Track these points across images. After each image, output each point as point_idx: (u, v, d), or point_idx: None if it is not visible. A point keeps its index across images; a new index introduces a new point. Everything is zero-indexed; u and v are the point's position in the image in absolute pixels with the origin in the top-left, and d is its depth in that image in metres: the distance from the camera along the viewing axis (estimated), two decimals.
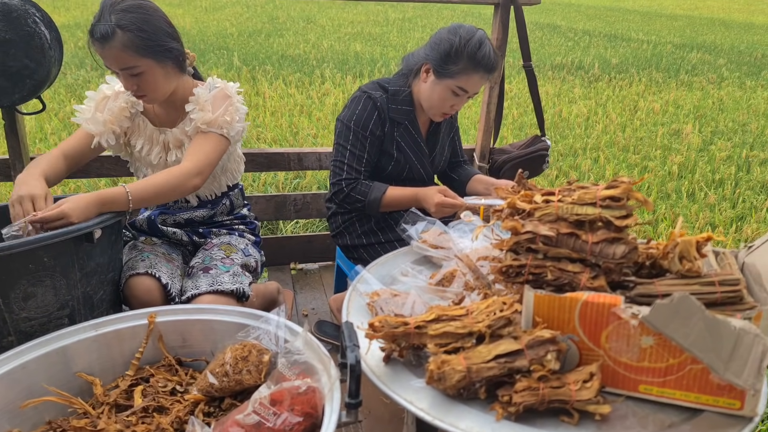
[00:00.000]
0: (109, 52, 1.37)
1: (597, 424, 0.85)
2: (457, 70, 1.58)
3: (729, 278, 0.87)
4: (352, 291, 1.20)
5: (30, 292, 1.17)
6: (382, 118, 1.68)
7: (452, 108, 1.67)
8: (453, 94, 1.63)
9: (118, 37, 1.36)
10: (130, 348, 1.11)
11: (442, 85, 1.62)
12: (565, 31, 11.22)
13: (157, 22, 1.42)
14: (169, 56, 1.45)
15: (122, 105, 1.54)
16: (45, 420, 1.00)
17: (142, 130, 1.58)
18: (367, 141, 1.67)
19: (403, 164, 1.75)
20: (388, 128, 1.70)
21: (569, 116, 5.39)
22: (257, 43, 8.28)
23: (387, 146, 1.72)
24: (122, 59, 1.38)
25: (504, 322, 0.92)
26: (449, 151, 1.92)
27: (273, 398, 0.93)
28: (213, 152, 1.48)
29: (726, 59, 8.89)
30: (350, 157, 1.67)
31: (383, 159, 1.74)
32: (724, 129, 5.19)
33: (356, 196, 1.67)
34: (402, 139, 1.73)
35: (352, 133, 1.67)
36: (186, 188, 1.43)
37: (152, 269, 1.43)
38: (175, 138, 1.56)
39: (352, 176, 1.67)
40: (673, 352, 0.84)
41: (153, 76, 1.43)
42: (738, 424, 0.84)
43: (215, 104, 1.50)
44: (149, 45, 1.39)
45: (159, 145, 1.58)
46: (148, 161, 1.59)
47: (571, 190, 0.96)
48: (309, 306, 2.29)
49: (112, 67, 1.41)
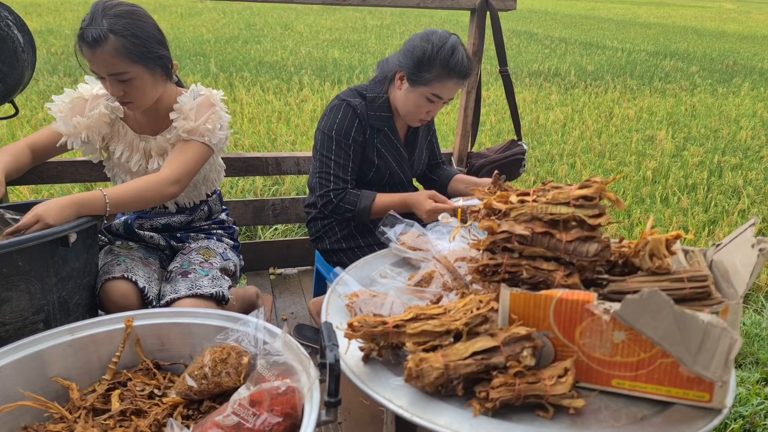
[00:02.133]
0: (99, 56, 1.35)
1: (571, 418, 0.87)
2: (430, 77, 1.59)
3: (697, 275, 0.90)
4: (331, 293, 1.21)
5: (4, 297, 1.15)
6: (363, 125, 1.68)
7: (428, 114, 1.69)
8: (428, 101, 1.63)
9: (110, 42, 1.34)
10: (107, 352, 1.10)
11: (417, 92, 1.62)
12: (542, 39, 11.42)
13: (149, 28, 1.41)
14: (159, 63, 1.44)
15: (102, 111, 1.51)
16: (20, 425, 0.98)
17: (122, 137, 1.56)
18: (350, 149, 1.67)
19: (384, 170, 1.76)
20: (368, 135, 1.70)
21: (546, 122, 5.48)
22: (234, 50, 8.24)
23: (368, 153, 1.72)
24: (113, 65, 1.36)
25: (481, 319, 0.94)
26: (427, 154, 1.94)
27: (252, 399, 0.93)
28: (193, 161, 1.47)
29: (698, 66, 9.15)
30: (335, 167, 1.67)
31: (364, 166, 1.74)
32: (696, 135, 5.33)
33: (346, 206, 1.67)
34: (382, 146, 1.74)
35: (334, 143, 1.66)
36: (163, 196, 1.42)
37: (128, 273, 1.41)
38: (158, 146, 1.55)
39: (339, 186, 1.67)
40: (644, 346, 0.87)
41: (142, 83, 1.41)
42: (707, 416, 0.87)
43: (199, 112, 1.49)
44: (141, 51, 1.38)
45: (139, 152, 1.56)
46: (127, 168, 1.57)
47: (545, 191, 0.98)
48: (288, 310, 2.28)
49: (100, 71, 1.39)
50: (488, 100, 6.14)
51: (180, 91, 1.57)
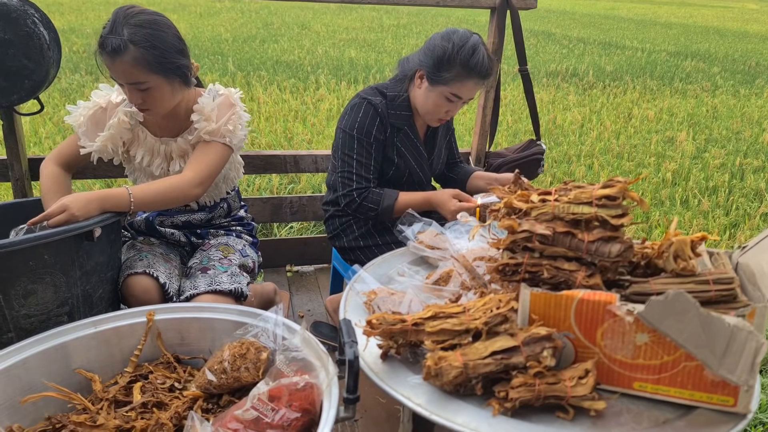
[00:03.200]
0: (119, 66, 1.35)
1: (592, 420, 0.86)
2: (450, 77, 1.58)
3: (723, 277, 0.88)
4: (350, 290, 1.21)
5: (30, 289, 1.17)
6: (384, 124, 1.68)
7: (447, 114, 1.68)
8: (447, 101, 1.63)
9: (129, 52, 1.33)
10: (128, 345, 1.11)
11: (436, 91, 1.62)
12: (560, 39, 11.32)
13: (169, 38, 1.40)
14: (178, 73, 1.44)
15: (122, 118, 1.51)
16: (44, 416, 1.00)
17: (143, 141, 1.57)
18: (372, 147, 1.67)
19: (403, 169, 1.76)
20: (389, 133, 1.70)
21: (563, 123, 5.43)
22: (252, 49, 8.30)
23: (388, 152, 1.72)
24: (131, 74, 1.36)
25: (501, 319, 0.93)
26: (446, 153, 1.94)
27: (271, 394, 0.94)
28: (215, 162, 1.49)
29: (720, 67, 8.99)
30: (357, 166, 1.67)
31: (384, 165, 1.74)
32: (717, 137, 5.24)
33: (369, 205, 1.67)
34: (402, 145, 1.73)
35: (356, 142, 1.66)
36: (187, 198, 1.43)
37: (150, 269, 1.43)
38: (179, 148, 1.55)
39: (362, 185, 1.67)
40: (668, 349, 0.85)
41: (160, 92, 1.42)
42: (731, 421, 0.85)
43: (219, 113, 1.50)
44: (160, 62, 1.38)
45: (160, 156, 1.57)
46: (149, 172, 1.58)
47: (567, 190, 0.97)
48: (305, 308, 2.29)
49: (119, 80, 1.39)
50: (505, 100, 6.11)
51: (199, 91, 1.57)
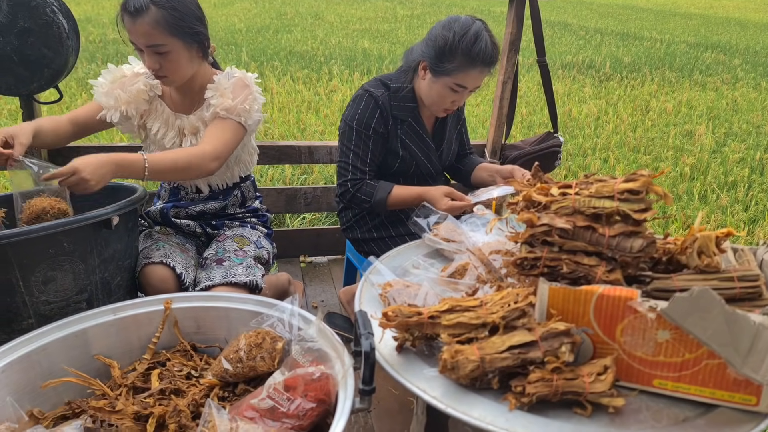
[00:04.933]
0: (140, 26, 1.38)
1: (610, 417, 0.85)
2: (452, 67, 1.54)
3: (748, 274, 0.87)
4: (365, 282, 1.21)
5: (49, 276, 1.18)
6: (385, 116, 1.66)
7: (453, 104, 1.65)
8: (452, 91, 1.60)
9: (151, 12, 1.37)
10: (146, 333, 1.12)
11: (440, 83, 1.59)
12: (577, 30, 11.16)
13: (189, 4, 1.44)
14: (196, 39, 1.46)
15: (141, 87, 1.55)
16: (64, 400, 1.01)
17: (159, 114, 1.59)
18: (370, 140, 1.66)
19: (409, 161, 1.74)
20: (391, 126, 1.69)
21: (579, 116, 5.37)
22: (265, 39, 8.29)
23: (392, 144, 1.71)
24: (151, 35, 1.39)
25: (518, 313, 0.92)
26: (457, 144, 1.92)
27: (287, 384, 0.94)
28: (231, 139, 1.48)
29: (741, 59, 8.81)
30: (354, 157, 1.67)
31: (389, 157, 1.73)
32: (737, 130, 5.15)
33: (362, 197, 1.67)
34: (406, 137, 1.72)
35: (355, 133, 1.66)
36: (203, 170, 1.42)
37: (167, 259, 1.44)
38: (191, 125, 1.57)
39: (357, 176, 1.67)
40: (690, 346, 0.84)
41: (178, 57, 1.44)
42: (753, 420, 0.84)
43: (235, 92, 1.51)
44: (180, 25, 1.40)
45: (174, 129, 1.59)
46: (162, 145, 1.60)
47: (588, 183, 0.96)
48: (318, 298, 2.30)
49: (139, 42, 1.41)
50: (519, 92, 6.03)
51: (215, 71, 1.60)
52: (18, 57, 1.65)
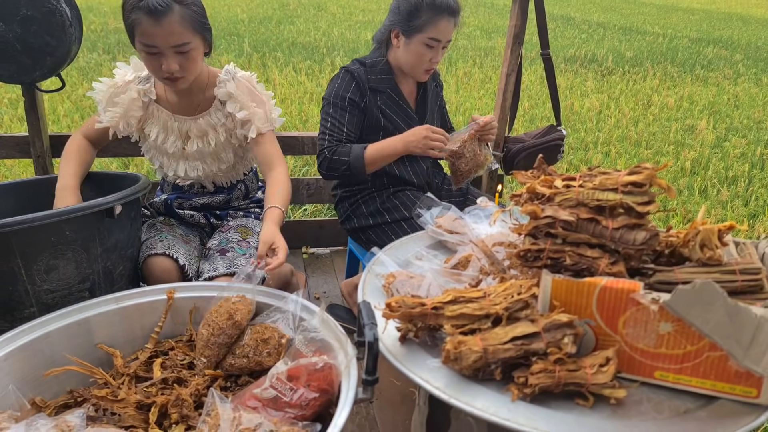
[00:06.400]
0: (167, 26, 1.31)
1: (612, 408, 0.86)
2: (422, 22, 1.63)
3: (750, 267, 0.87)
4: (368, 272, 1.21)
5: (52, 265, 1.18)
6: (362, 88, 1.71)
7: (432, 62, 1.70)
8: (427, 47, 1.66)
9: (176, 10, 1.32)
10: (149, 322, 1.13)
11: (415, 41, 1.66)
12: (579, 23, 11.11)
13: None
14: (209, 36, 1.44)
15: (133, 95, 1.51)
16: (66, 389, 1.02)
17: (157, 119, 1.56)
18: (346, 110, 1.70)
19: (393, 132, 1.75)
20: (369, 97, 1.72)
21: (581, 110, 5.35)
22: (268, 30, 8.25)
23: (374, 115, 1.74)
24: (179, 35, 1.33)
25: (521, 305, 0.93)
26: (439, 119, 1.95)
27: (290, 374, 0.94)
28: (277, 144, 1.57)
29: (743, 55, 8.78)
30: (331, 127, 1.70)
31: (371, 130, 1.75)
32: (738, 126, 5.13)
33: (340, 158, 1.66)
34: (386, 107, 1.75)
35: (331, 106, 1.71)
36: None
37: (170, 250, 1.44)
38: (198, 128, 1.55)
39: (333, 144, 1.69)
40: (691, 338, 0.84)
41: (197, 55, 1.41)
42: (754, 412, 0.84)
43: (256, 100, 1.52)
44: (200, 22, 1.38)
45: (174, 133, 1.56)
46: (164, 150, 1.58)
47: (592, 176, 0.96)
48: (320, 290, 2.30)
49: (162, 43, 1.33)
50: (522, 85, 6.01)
51: (213, 70, 1.56)
52: (21, 45, 1.64)
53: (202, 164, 1.59)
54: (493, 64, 6.96)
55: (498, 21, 10.86)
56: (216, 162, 1.60)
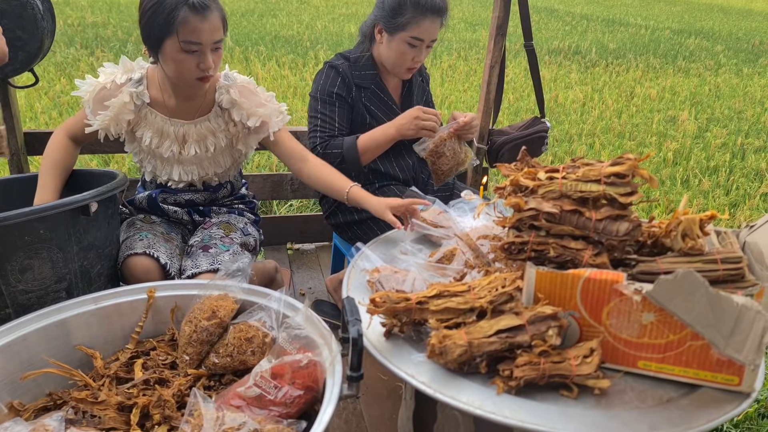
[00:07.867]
0: (212, 22, 1.35)
1: (596, 399, 0.86)
2: (405, 20, 1.60)
3: (731, 256, 0.87)
4: (352, 268, 1.20)
5: (27, 265, 1.15)
6: (347, 83, 1.70)
7: (414, 61, 1.68)
8: (410, 47, 1.64)
9: (215, 7, 1.37)
10: (129, 322, 1.11)
11: (397, 39, 1.64)
12: (563, 15, 11.15)
13: None
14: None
15: (125, 99, 1.46)
16: (45, 392, 0.99)
17: (151, 122, 1.52)
18: (335, 105, 1.69)
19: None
20: (354, 93, 1.71)
21: (565, 101, 5.38)
22: (250, 23, 8.16)
23: (359, 111, 1.73)
24: (218, 30, 1.38)
25: (506, 298, 0.92)
26: None
27: (274, 372, 0.93)
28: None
29: (724, 46, 8.89)
30: (321, 123, 1.69)
31: (357, 127, 1.74)
32: (719, 116, 5.20)
33: (333, 151, 1.66)
34: (370, 103, 1.74)
35: (319, 103, 1.70)
36: None
37: (150, 249, 1.41)
38: (197, 133, 1.52)
39: (325, 138, 1.68)
40: (674, 328, 0.85)
41: (222, 53, 1.45)
42: (735, 400, 0.85)
43: (261, 104, 1.53)
44: (226, 21, 1.42)
45: (170, 138, 1.52)
46: (158, 154, 1.54)
47: (575, 167, 0.95)
48: (306, 286, 2.29)
49: (205, 39, 1.35)
50: (506, 78, 6.02)
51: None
52: None
53: (198, 168, 1.58)
54: (477, 56, 6.95)
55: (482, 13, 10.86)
56: (213, 166, 1.59)
